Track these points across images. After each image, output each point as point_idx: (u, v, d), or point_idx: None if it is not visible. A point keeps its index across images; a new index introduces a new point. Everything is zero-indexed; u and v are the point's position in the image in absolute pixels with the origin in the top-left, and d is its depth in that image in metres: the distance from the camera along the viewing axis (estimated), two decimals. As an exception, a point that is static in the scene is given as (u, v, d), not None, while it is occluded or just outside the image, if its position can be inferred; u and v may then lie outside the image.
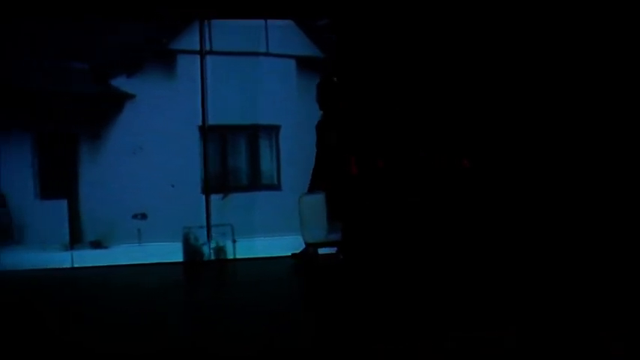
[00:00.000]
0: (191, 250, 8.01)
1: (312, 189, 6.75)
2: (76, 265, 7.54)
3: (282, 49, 8.49)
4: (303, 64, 8.45)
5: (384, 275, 6.77)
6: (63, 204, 8.15)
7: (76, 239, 8.18)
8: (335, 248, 6.81)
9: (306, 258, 6.87)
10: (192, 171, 8.33)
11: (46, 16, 7.75)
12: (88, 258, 7.81)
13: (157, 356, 4.06)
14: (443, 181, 7.70)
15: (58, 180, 8.20)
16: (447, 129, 7.75)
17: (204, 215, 8.25)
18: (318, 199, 6.55)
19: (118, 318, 5.10)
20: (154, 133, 8.21)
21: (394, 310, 5.39)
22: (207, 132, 8.32)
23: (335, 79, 7.79)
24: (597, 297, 5.95)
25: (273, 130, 8.54)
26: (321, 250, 7.00)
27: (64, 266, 7.51)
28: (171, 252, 7.80)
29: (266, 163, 8.55)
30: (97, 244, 8.21)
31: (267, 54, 8.44)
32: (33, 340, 4.47)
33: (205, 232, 8.13)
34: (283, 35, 8.47)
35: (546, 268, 7.10)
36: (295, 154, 8.15)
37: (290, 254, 6.94)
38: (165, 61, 8.30)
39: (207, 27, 8.31)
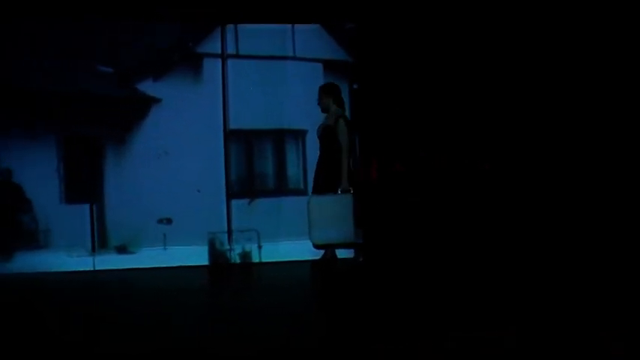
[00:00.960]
0: (216, 254, 8.01)
1: (318, 191, 6.77)
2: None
3: (309, 52, 8.40)
4: (330, 67, 8.35)
5: (402, 276, 6.85)
6: (88, 208, 8.09)
7: (101, 244, 8.12)
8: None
9: (326, 263, 6.89)
10: (219, 175, 8.27)
11: (73, 19, 7.75)
12: (112, 262, 7.81)
13: (161, 355, 4.13)
14: (450, 181, 7.69)
15: (84, 184, 8.14)
16: (466, 132, 7.72)
17: (230, 220, 8.18)
18: (326, 200, 6.56)
19: (132, 318, 5.20)
20: (180, 137, 8.15)
21: (397, 309, 5.44)
22: (232, 136, 8.25)
23: (355, 86, 7.77)
24: (597, 297, 6.00)
25: (299, 135, 8.43)
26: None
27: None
28: (197, 256, 7.77)
29: (292, 168, 8.45)
30: (122, 249, 8.15)
31: (293, 58, 8.36)
32: (43, 341, 4.55)
33: (231, 237, 8.06)
34: (310, 39, 8.39)
35: (546, 268, 7.24)
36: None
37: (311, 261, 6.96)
38: (192, 64, 8.25)
39: (233, 31, 8.26)
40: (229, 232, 8.14)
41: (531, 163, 7.72)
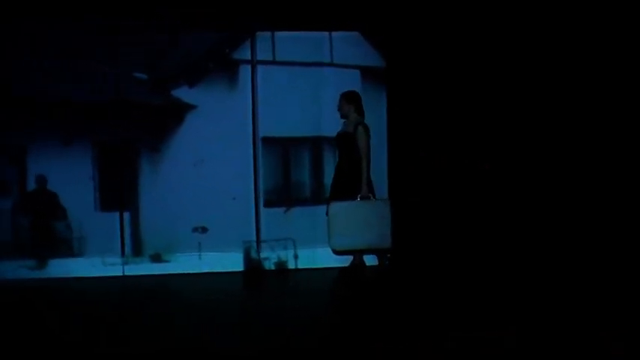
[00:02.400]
0: (251, 263, 7.89)
1: (337, 198, 6.71)
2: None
3: (347, 59, 8.28)
4: (368, 74, 8.23)
5: (426, 280, 6.83)
6: (124, 216, 8.04)
7: (135, 252, 8.06)
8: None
9: (354, 269, 6.88)
10: (254, 183, 8.16)
11: (108, 27, 7.72)
12: (145, 269, 7.77)
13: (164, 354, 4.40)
14: (453, 181, 7.63)
15: (119, 192, 8.09)
16: (477, 133, 7.65)
17: (266, 229, 8.08)
18: (346, 207, 6.54)
19: (146, 319, 5.44)
20: (216, 144, 8.08)
21: (403, 310, 5.50)
22: (268, 143, 8.17)
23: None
24: (597, 297, 6.00)
25: (336, 142, 8.29)
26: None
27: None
28: (231, 264, 7.70)
29: (329, 176, 8.26)
30: (156, 258, 8.06)
31: (330, 64, 8.25)
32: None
33: (266, 246, 7.97)
34: (348, 45, 8.27)
35: (547, 268, 7.18)
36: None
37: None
38: (227, 71, 8.17)
39: (269, 38, 8.17)
40: (262, 240, 8.03)
41: (538, 164, 7.61)
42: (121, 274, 7.76)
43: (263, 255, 8.04)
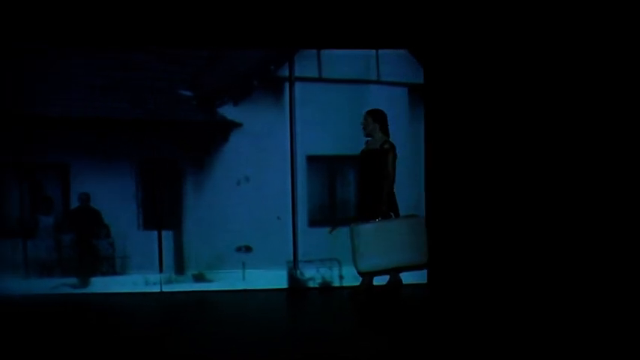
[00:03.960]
0: (295, 284, 7.82)
1: (362, 216, 6.75)
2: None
3: (394, 76, 8.16)
4: (416, 91, 8.11)
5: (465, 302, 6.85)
6: (167, 235, 7.97)
7: (178, 271, 7.97)
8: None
9: (391, 287, 6.96)
10: (300, 202, 8.03)
11: (155, 45, 7.71)
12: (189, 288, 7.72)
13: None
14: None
15: (161, 210, 8.01)
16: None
17: (311, 249, 7.95)
18: (370, 228, 6.53)
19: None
20: (260, 162, 8.00)
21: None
22: (313, 162, 8.08)
23: None
24: (597, 297, 6.22)
25: (383, 160, 8.16)
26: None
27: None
28: (275, 282, 7.67)
29: (376, 195, 8.14)
30: (200, 277, 7.97)
31: (377, 82, 8.13)
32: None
33: (311, 266, 7.86)
34: (395, 63, 8.16)
35: (548, 268, 7.32)
36: (406, 184, 7.78)
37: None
38: (273, 88, 8.08)
39: (315, 55, 8.09)
40: (306, 260, 7.94)
41: (580, 185, 7.68)
42: (159, 291, 7.83)
43: (307, 275, 7.94)
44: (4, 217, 7.86)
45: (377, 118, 6.99)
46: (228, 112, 8.03)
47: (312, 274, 8.00)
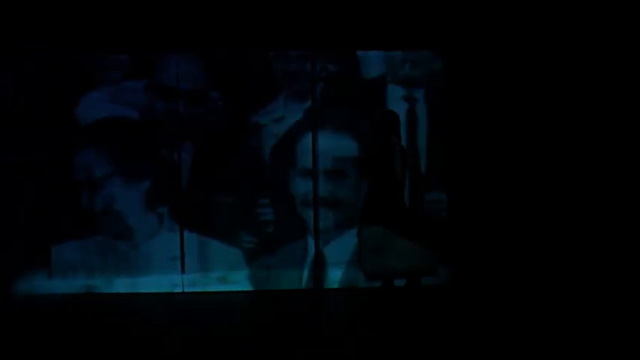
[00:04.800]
0: (318, 284, 7.87)
1: (367, 220, 6.59)
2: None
3: (412, 77, 8.23)
4: (433, 92, 8.20)
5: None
6: (189, 236, 8.08)
7: (202, 272, 8.05)
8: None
9: (408, 289, 6.79)
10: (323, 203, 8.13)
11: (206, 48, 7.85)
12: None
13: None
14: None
15: (185, 211, 8.10)
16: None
17: (335, 249, 8.11)
18: (378, 231, 6.43)
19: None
20: (285, 163, 8.17)
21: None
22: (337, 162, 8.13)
23: None
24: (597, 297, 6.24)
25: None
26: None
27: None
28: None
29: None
30: (223, 280, 8.03)
31: (395, 82, 8.21)
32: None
33: (335, 267, 8.05)
34: (414, 63, 8.18)
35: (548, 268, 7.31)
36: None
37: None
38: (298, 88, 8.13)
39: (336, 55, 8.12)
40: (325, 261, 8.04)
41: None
42: (182, 291, 7.92)
43: (331, 276, 7.97)
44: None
45: (388, 118, 6.92)
46: (255, 112, 8.04)
47: (336, 275, 7.95)
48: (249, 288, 7.95)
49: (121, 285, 7.90)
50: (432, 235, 7.31)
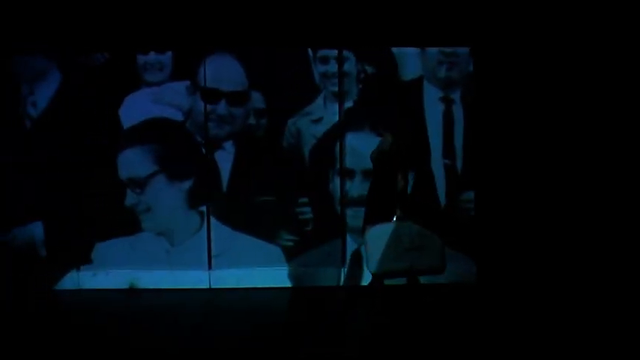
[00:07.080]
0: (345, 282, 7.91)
1: (372, 220, 6.50)
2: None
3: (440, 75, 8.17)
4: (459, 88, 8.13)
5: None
6: (217, 231, 8.25)
7: (227, 267, 8.22)
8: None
9: (410, 288, 6.74)
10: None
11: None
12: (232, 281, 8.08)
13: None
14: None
15: (214, 207, 8.29)
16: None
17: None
18: (385, 229, 6.30)
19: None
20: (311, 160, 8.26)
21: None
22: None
23: None
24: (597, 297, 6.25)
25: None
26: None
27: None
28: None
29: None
30: (245, 276, 8.20)
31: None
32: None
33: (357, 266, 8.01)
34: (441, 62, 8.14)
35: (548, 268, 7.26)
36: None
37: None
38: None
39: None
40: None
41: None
42: (208, 287, 8.08)
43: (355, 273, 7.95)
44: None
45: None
46: (295, 113, 8.16)
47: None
48: (290, 285, 8.06)
49: (164, 281, 8.13)
50: (453, 234, 7.38)
